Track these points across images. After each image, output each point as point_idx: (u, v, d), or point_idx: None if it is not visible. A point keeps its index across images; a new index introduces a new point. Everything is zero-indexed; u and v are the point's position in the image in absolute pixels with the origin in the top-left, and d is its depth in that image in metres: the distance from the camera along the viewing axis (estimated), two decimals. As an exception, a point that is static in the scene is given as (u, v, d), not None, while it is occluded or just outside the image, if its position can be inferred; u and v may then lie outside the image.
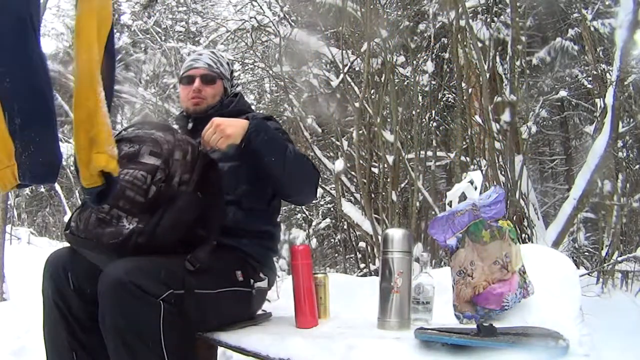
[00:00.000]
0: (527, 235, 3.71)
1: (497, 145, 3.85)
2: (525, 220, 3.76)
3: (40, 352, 1.65)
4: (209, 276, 1.41)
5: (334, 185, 4.61)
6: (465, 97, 4.45)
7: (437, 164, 4.90)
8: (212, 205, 1.45)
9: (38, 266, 1.56)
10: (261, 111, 7.90)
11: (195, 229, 1.42)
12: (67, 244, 1.52)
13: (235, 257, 1.57)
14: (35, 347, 2.24)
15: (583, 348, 1.18)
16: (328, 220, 6.36)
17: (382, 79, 4.38)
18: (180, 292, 1.31)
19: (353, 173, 4.55)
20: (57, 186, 8.24)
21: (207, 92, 1.72)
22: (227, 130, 1.45)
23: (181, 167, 1.39)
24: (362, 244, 4.96)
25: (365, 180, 4.37)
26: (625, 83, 3.72)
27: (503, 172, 3.74)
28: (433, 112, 4.80)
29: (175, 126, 1.72)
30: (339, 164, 4.29)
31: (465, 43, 4.34)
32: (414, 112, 4.47)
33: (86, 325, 1.44)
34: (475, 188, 1.46)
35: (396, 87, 4.49)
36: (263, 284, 1.60)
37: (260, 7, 5.52)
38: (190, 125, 1.74)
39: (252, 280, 1.56)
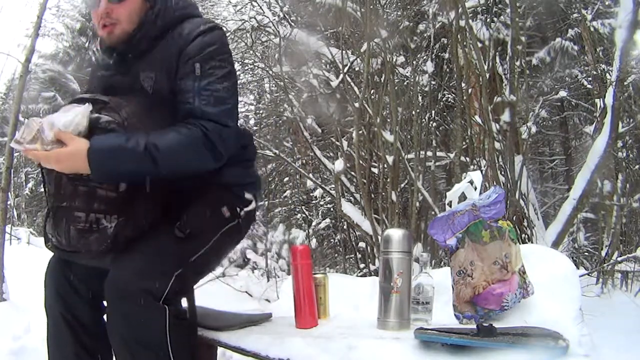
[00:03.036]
0: (527, 236, 3.71)
1: (497, 145, 3.85)
2: (525, 220, 3.76)
3: (40, 352, 1.65)
4: (198, 234, 1.37)
5: (333, 186, 4.61)
6: (465, 97, 4.45)
7: (437, 164, 4.90)
8: None
9: (38, 266, 1.55)
10: (261, 111, 7.95)
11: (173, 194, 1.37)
12: None
13: (215, 195, 1.46)
14: (35, 347, 2.24)
15: (583, 348, 1.18)
16: (328, 220, 6.37)
17: (382, 79, 4.38)
18: (180, 270, 1.30)
19: (353, 173, 4.55)
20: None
21: (118, 14, 1.35)
22: (62, 169, 1.23)
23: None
24: (362, 244, 4.97)
25: (365, 181, 4.37)
26: (625, 83, 3.72)
27: (503, 172, 3.74)
28: (433, 112, 4.80)
29: (101, 63, 1.46)
30: (339, 164, 4.29)
31: (465, 43, 4.34)
32: (413, 112, 4.47)
33: (92, 332, 1.42)
34: (475, 188, 1.46)
35: (396, 87, 4.49)
36: (250, 207, 1.53)
37: (260, 7, 5.52)
38: (115, 60, 1.42)
39: (238, 209, 1.48)
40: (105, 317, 1.33)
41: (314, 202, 6.59)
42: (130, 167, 1.24)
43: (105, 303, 1.30)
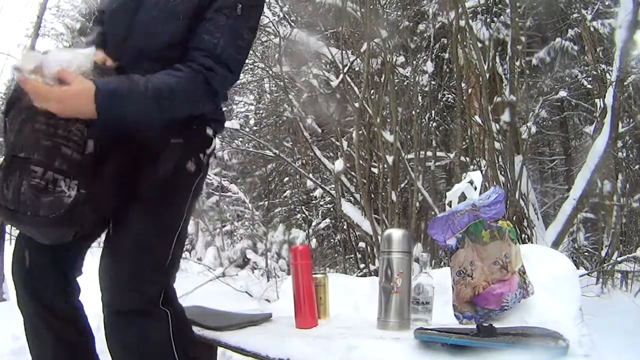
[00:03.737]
0: (526, 236, 3.72)
1: (497, 145, 3.85)
2: (525, 220, 3.76)
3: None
4: (171, 209, 1.30)
5: (333, 186, 4.61)
6: (465, 97, 4.45)
7: (437, 164, 4.90)
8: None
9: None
10: (261, 111, 7.95)
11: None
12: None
13: (178, 152, 1.31)
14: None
15: (583, 348, 1.18)
16: (328, 220, 6.37)
17: (382, 79, 4.38)
18: (170, 258, 1.27)
19: (353, 173, 4.54)
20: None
21: None
22: (61, 109, 1.12)
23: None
24: (361, 244, 4.96)
25: (365, 181, 4.37)
26: (625, 83, 3.72)
27: (503, 172, 3.74)
28: (433, 112, 4.80)
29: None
30: (339, 164, 4.29)
31: (465, 43, 4.34)
32: (413, 113, 4.47)
33: (74, 327, 1.35)
34: (475, 188, 1.46)
35: (396, 87, 4.49)
36: (211, 147, 1.40)
37: (260, 7, 5.51)
38: None
39: (202, 155, 1.35)
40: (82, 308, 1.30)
41: (314, 202, 6.59)
42: (138, 110, 1.17)
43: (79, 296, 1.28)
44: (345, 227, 5.22)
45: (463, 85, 4.47)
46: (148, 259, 1.24)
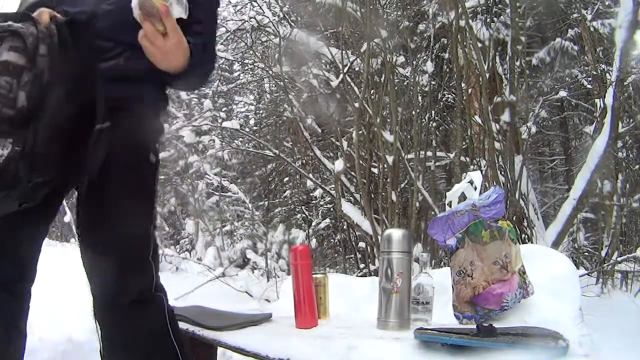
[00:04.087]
0: (526, 236, 3.72)
1: (497, 145, 3.85)
2: (525, 220, 3.77)
3: (40, 353, 1.65)
4: (144, 196, 1.28)
5: (333, 186, 4.61)
6: (465, 97, 4.45)
7: (437, 164, 4.90)
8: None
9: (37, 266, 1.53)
10: (261, 111, 7.94)
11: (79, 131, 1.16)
12: None
13: (137, 140, 1.28)
14: (35, 347, 2.24)
15: (583, 348, 1.18)
16: (328, 220, 6.36)
17: (382, 79, 4.38)
18: (152, 247, 1.27)
19: (353, 173, 4.54)
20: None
21: None
22: (160, 59, 1.16)
23: (49, 63, 1.10)
24: (361, 244, 4.96)
25: (365, 181, 4.37)
26: (625, 83, 3.72)
27: (503, 173, 3.74)
28: (433, 112, 4.80)
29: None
30: (339, 164, 4.29)
31: (465, 43, 4.34)
32: (413, 113, 4.47)
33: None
34: (475, 188, 1.46)
35: (396, 87, 4.49)
36: (162, 136, 1.41)
37: (260, 7, 5.52)
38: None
39: (157, 145, 1.34)
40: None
41: (314, 202, 6.59)
42: (206, 68, 1.27)
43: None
44: (345, 227, 5.23)
45: (463, 85, 4.47)
46: (138, 249, 1.24)
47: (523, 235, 3.69)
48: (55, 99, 1.10)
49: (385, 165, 4.14)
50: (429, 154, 4.63)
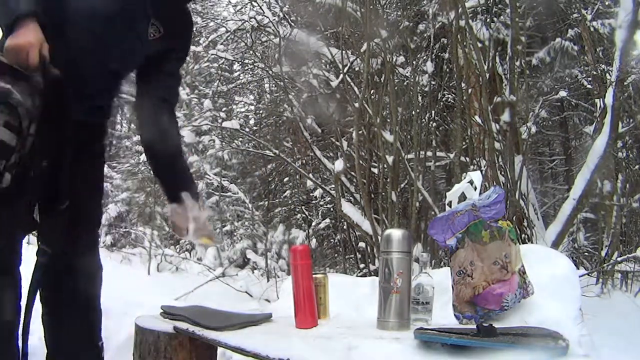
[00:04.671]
0: (527, 236, 3.71)
1: (497, 145, 3.85)
2: (525, 220, 3.76)
3: (39, 352, 1.65)
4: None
5: (333, 186, 4.61)
6: (465, 97, 4.45)
7: (437, 164, 4.90)
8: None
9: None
10: (261, 111, 7.94)
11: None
12: None
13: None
14: (35, 347, 2.24)
15: (583, 348, 1.18)
16: (328, 220, 6.36)
17: (382, 79, 4.38)
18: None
19: (353, 173, 4.54)
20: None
21: None
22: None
23: (35, 142, 1.14)
24: (361, 244, 4.96)
25: (365, 181, 4.37)
26: (625, 83, 3.72)
27: (503, 173, 3.74)
28: (433, 112, 4.80)
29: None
30: (339, 164, 4.29)
31: (465, 43, 4.34)
32: (413, 112, 4.47)
33: None
34: (475, 188, 1.46)
35: (396, 87, 4.49)
36: None
37: (260, 7, 5.52)
38: None
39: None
40: None
41: (314, 202, 6.59)
42: None
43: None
44: (345, 227, 5.22)
45: (463, 85, 4.47)
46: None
47: (523, 235, 3.69)
48: (36, 172, 1.19)
49: (385, 165, 4.13)
50: (429, 154, 4.63)
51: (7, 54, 1.16)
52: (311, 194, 6.49)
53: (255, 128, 7.57)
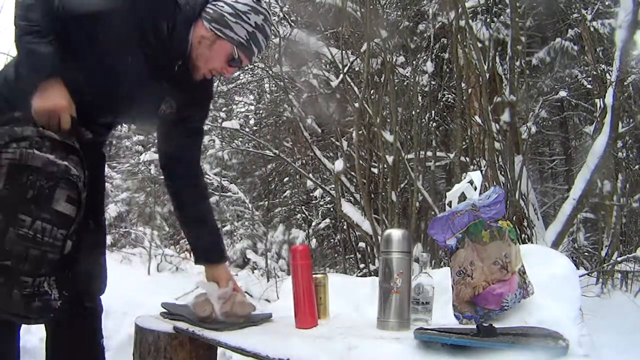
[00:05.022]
0: (527, 236, 3.72)
1: (497, 145, 3.85)
2: (525, 220, 3.77)
3: (40, 352, 1.65)
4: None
5: (333, 186, 4.61)
6: (465, 97, 4.45)
7: (437, 164, 4.90)
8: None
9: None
10: (261, 111, 7.93)
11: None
12: None
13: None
14: (35, 347, 2.25)
15: (583, 348, 1.18)
16: (328, 220, 6.36)
17: (382, 79, 4.38)
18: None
19: (353, 173, 4.54)
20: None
21: (228, 72, 1.51)
22: None
23: (84, 207, 1.25)
24: (361, 244, 4.96)
25: (365, 181, 4.37)
26: (625, 83, 3.72)
27: (503, 173, 3.74)
28: (433, 112, 4.80)
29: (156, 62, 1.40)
30: (339, 164, 4.29)
31: (465, 43, 4.35)
32: (413, 113, 4.47)
33: None
34: (475, 188, 1.46)
35: (396, 88, 4.49)
36: None
37: (260, 7, 5.50)
38: (171, 73, 1.46)
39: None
40: None
41: (314, 202, 6.59)
42: None
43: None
44: (345, 227, 5.22)
45: (463, 85, 4.47)
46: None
47: (523, 235, 3.69)
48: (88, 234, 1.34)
49: (385, 165, 4.13)
50: (429, 154, 4.63)
51: (37, 116, 1.22)
52: (311, 194, 6.49)
53: (255, 128, 7.56)
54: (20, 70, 1.30)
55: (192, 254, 1.65)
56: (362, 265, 4.90)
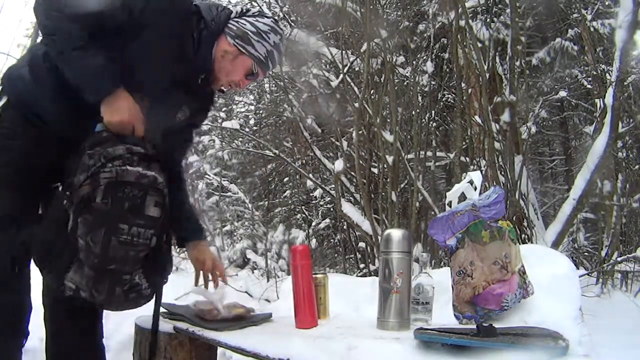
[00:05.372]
0: (527, 236, 3.72)
1: (497, 145, 3.85)
2: (525, 220, 3.77)
3: (40, 352, 1.66)
4: None
5: (333, 186, 4.61)
6: (465, 97, 4.45)
7: (437, 164, 4.90)
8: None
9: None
10: (261, 111, 7.93)
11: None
12: None
13: None
14: (35, 347, 2.24)
15: (583, 348, 1.18)
16: (328, 220, 6.36)
17: (382, 79, 4.38)
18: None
19: (353, 173, 4.54)
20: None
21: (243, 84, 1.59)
22: None
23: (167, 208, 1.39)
24: (361, 244, 4.96)
25: (365, 181, 4.37)
26: (625, 83, 3.72)
27: (503, 173, 3.74)
28: (433, 112, 4.80)
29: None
30: (339, 164, 4.29)
31: (465, 43, 4.35)
32: (413, 113, 4.47)
33: None
34: (475, 188, 1.46)
35: (396, 88, 4.49)
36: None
37: (260, 7, 5.51)
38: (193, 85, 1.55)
39: None
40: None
41: (314, 202, 6.59)
42: None
43: None
44: (345, 227, 5.22)
45: (463, 85, 4.47)
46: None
47: (523, 235, 3.69)
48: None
49: (385, 165, 4.13)
50: (429, 154, 4.63)
51: (112, 127, 1.34)
52: (311, 194, 6.49)
53: (255, 128, 7.56)
54: (78, 85, 1.34)
55: (175, 239, 1.70)
56: (362, 265, 4.90)
